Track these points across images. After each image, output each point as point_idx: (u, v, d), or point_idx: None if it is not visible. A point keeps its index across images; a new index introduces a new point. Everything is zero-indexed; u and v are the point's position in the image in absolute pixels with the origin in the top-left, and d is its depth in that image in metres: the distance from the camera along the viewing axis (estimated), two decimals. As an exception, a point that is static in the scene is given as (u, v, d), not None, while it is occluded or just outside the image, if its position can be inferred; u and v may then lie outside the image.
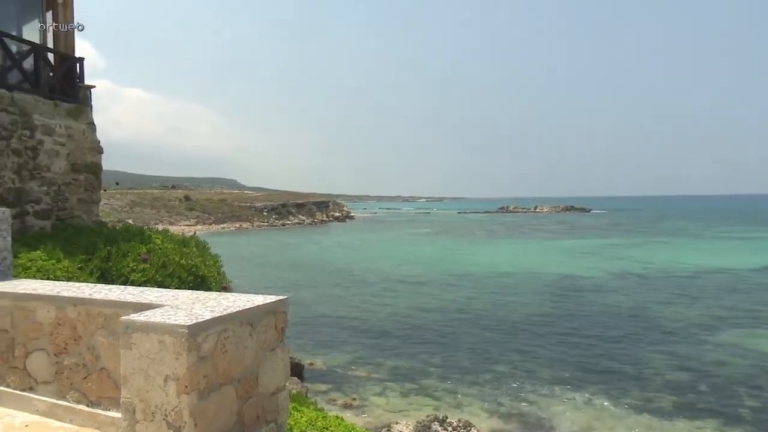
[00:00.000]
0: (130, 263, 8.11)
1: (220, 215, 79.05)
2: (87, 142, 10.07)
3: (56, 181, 9.45)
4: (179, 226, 60.03)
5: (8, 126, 8.57)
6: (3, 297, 3.39)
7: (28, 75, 9.44)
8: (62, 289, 3.38)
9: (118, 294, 3.20)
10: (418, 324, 20.89)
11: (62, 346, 3.20)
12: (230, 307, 2.72)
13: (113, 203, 68.50)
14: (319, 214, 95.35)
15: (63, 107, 9.76)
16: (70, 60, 10.26)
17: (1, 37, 8.88)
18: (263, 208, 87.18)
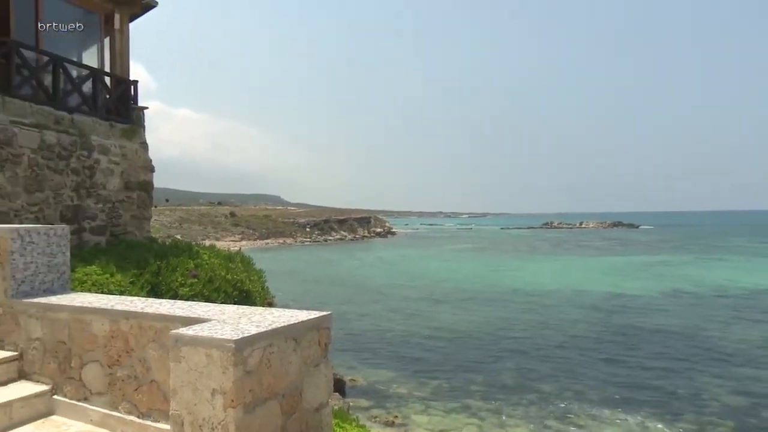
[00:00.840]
0: (178, 278, 8.36)
1: (264, 231, 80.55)
2: (140, 161, 10.48)
3: (111, 198, 9.85)
4: (225, 241, 61.46)
5: (68, 146, 9.01)
6: (62, 310, 3.54)
7: (86, 98, 9.94)
8: (116, 303, 3.51)
9: (168, 308, 3.29)
10: (460, 341, 20.62)
11: (115, 358, 3.31)
12: (275, 322, 2.76)
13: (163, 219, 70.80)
14: (361, 229, 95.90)
15: (118, 128, 10.21)
16: (125, 83, 10.75)
17: (63, 63, 9.39)
18: (306, 223, 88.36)
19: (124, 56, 10.87)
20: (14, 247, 3.77)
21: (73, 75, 9.92)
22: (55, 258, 4.04)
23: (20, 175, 8.33)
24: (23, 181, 8.37)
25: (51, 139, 8.85)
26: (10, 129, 8.21)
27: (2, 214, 7.97)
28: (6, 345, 3.74)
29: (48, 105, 9.07)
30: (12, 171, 8.20)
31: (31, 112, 8.67)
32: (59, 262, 4.08)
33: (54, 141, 8.89)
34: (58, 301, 3.65)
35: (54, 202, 8.85)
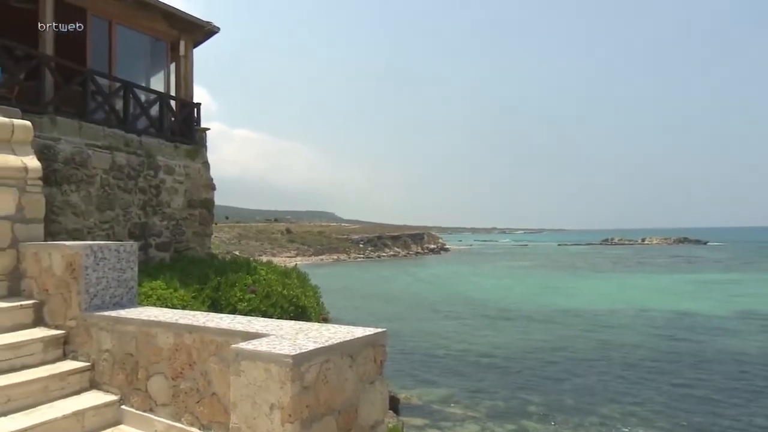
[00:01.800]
0: (237, 293, 8.59)
1: (318, 247, 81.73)
2: (202, 180, 10.90)
3: (175, 216, 10.27)
4: (281, 257, 62.72)
5: (136, 167, 9.49)
6: (130, 323, 3.71)
7: (153, 121, 10.46)
8: (180, 317, 3.64)
9: (228, 323, 3.39)
10: (516, 360, 20.11)
11: (179, 370, 3.43)
12: (331, 338, 2.79)
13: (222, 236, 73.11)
14: (414, 246, 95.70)
15: (182, 149, 10.68)
16: (189, 106, 11.25)
17: (133, 88, 9.93)
18: (359, 240, 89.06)
19: (189, 80, 11.41)
20: (88, 262, 3.99)
21: (142, 99, 10.49)
22: (124, 273, 4.24)
23: (93, 195, 8.83)
24: (96, 200, 8.87)
25: (121, 160, 9.37)
26: (85, 151, 8.75)
27: (77, 231, 8.46)
28: (79, 356, 3.95)
29: (119, 128, 9.61)
30: (86, 191, 8.71)
31: (103, 135, 9.21)
32: (128, 277, 4.28)
33: (124, 162, 9.40)
34: (127, 315, 3.82)
35: (123, 219, 9.33)
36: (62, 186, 8.34)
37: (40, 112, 8.30)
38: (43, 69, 8.86)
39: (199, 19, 11.50)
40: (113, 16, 10.27)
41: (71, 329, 4.02)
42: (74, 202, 8.52)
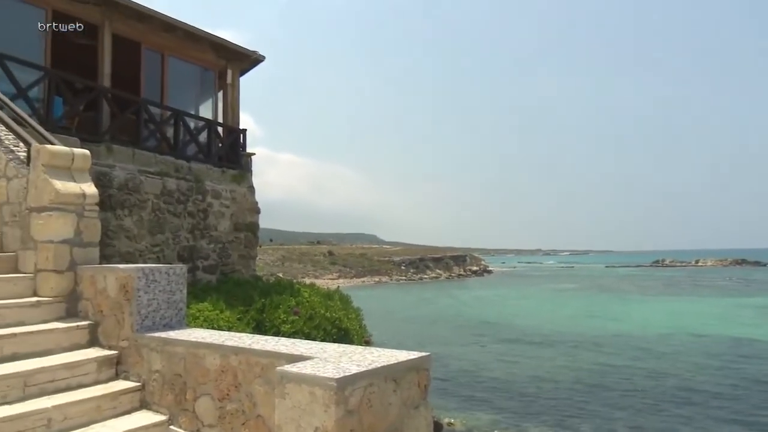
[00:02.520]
0: (281, 315, 8.70)
1: (360, 269, 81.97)
2: (247, 204, 11.18)
3: (221, 239, 10.54)
4: (323, 279, 63.19)
5: (185, 192, 9.81)
6: (178, 344, 3.80)
7: (202, 147, 10.83)
8: (226, 339, 3.70)
9: (273, 345, 3.43)
10: (563, 387, 19.47)
11: (225, 392, 3.48)
12: (375, 362, 2.78)
13: (266, 258, 74.32)
14: (456, 268, 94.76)
15: (229, 173, 10.99)
16: (235, 132, 11.61)
17: (183, 116, 10.34)
18: (401, 262, 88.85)
19: (235, 107, 11.80)
20: (140, 285, 4.12)
21: (191, 126, 10.90)
22: (173, 295, 4.36)
23: (145, 219, 9.17)
24: (147, 224, 9.20)
25: (171, 185, 9.71)
26: (138, 177, 9.12)
27: (129, 254, 8.79)
28: (131, 376, 4.06)
29: (170, 155, 10.00)
30: (138, 215, 9.06)
31: (155, 162, 9.60)
32: (177, 299, 4.39)
33: (174, 187, 9.75)
34: (176, 336, 3.91)
35: (173, 242, 9.63)
36: (116, 211, 8.70)
37: (98, 141, 8.73)
38: (101, 100, 9.34)
39: (245, 48, 11.92)
40: (165, 48, 10.77)
41: (123, 350, 4.15)
42: (127, 226, 8.86)
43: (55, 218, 4.45)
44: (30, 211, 4.58)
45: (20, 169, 4.78)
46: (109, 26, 9.73)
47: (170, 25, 10.52)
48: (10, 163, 4.87)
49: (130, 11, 9.87)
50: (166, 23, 10.43)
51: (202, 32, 11.12)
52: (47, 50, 9.03)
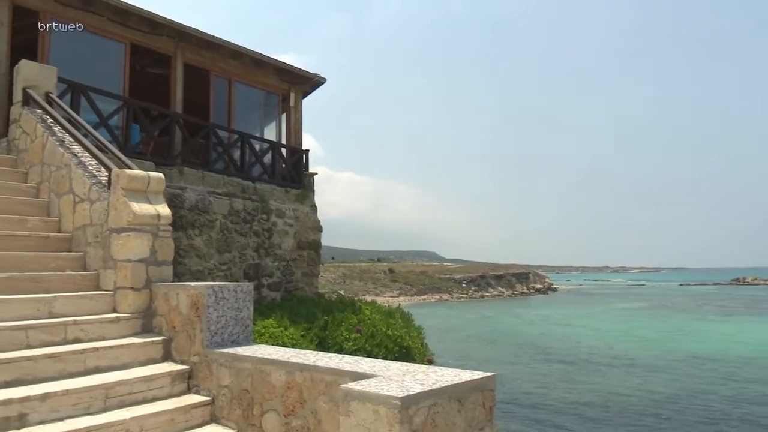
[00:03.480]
0: (343, 332, 8.77)
1: (421, 287, 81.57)
2: (310, 222, 11.42)
3: (285, 257, 10.80)
4: (384, 297, 63.30)
5: (251, 212, 10.15)
6: (246, 360, 3.91)
7: (267, 168, 11.20)
8: (291, 355, 3.78)
9: (336, 362, 3.46)
10: (634, 411, 18.49)
11: (290, 408, 3.54)
12: (438, 381, 2.76)
13: (328, 276, 75.32)
14: (519, 285, 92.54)
15: (292, 193, 11.29)
16: (298, 152, 11.94)
17: (249, 139, 10.74)
18: (462, 279, 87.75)
19: (298, 129, 12.16)
20: (209, 302, 4.28)
21: (256, 148, 11.31)
22: (241, 312, 4.50)
23: (214, 238, 9.55)
24: (216, 243, 9.58)
25: (238, 205, 10.08)
26: (207, 198, 9.53)
27: (199, 272, 9.15)
28: (202, 390, 4.20)
29: (236, 176, 10.40)
30: (207, 234, 9.44)
31: (223, 183, 10.00)
32: (244, 316, 4.53)
33: (240, 207, 10.11)
34: (243, 352, 4.03)
35: (239, 261, 9.96)
36: (187, 230, 9.11)
37: (170, 164, 9.20)
38: (174, 126, 9.86)
39: (307, 71, 12.29)
40: (232, 75, 11.28)
41: (195, 364, 4.31)
42: (197, 245, 9.26)
43: (132, 238, 4.71)
44: (110, 232, 4.87)
45: (102, 192, 5.10)
46: (181, 56, 10.31)
47: (237, 53, 11.02)
48: (93, 187, 5.21)
49: (200, 41, 10.42)
50: (233, 51, 10.94)
51: (267, 58, 11.57)
52: (126, 81, 9.66)
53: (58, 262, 5.05)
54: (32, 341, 4.01)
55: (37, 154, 6.09)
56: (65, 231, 5.52)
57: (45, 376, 3.78)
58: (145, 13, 9.60)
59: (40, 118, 6.29)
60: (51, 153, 5.85)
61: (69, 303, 4.49)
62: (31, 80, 6.64)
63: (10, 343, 3.89)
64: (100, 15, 9.19)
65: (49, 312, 4.35)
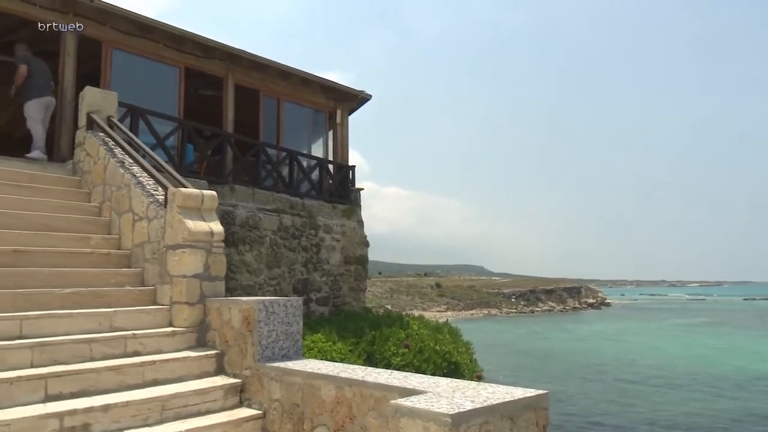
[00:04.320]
0: (391, 347, 8.75)
1: (468, 301, 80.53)
2: (357, 237, 11.51)
3: (333, 272, 10.91)
4: (431, 312, 62.82)
5: (299, 227, 10.33)
6: (296, 374, 3.96)
7: (314, 184, 11.39)
8: (340, 370, 3.80)
9: (385, 378, 3.46)
10: (700, 434, 17.55)
11: (340, 423, 3.56)
12: (490, 398, 2.71)
13: (375, 290, 75.36)
14: (571, 300, 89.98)
15: (339, 208, 11.43)
16: (345, 168, 12.10)
17: (297, 156, 10.97)
18: (511, 294, 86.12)
19: (344, 145, 12.33)
20: (260, 316, 4.37)
21: (304, 165, 11.53)
22: (291, 327, 4.57)
23: (263, 254, 9.76)
24: (265, 259, 9.78)
25: (287, 221, 10.29)
26: (257, 215, 9.77)
27: (249, 287, 9.36)
28: (253, 404, 4.28)
29: (285, 193, 10.63)
30: (258, 250, 9.66)
31: (272, 200, 10.24)
32: (294, 330, 4.59)
33: (289, 223, 10.31)
34: (293, 366, 4.08)
35: (288, 276, 10.13)
36: (239, 246, 9.35)
37: (222, 182, 9.50)
38: (225, 145, 10.19)
39: (353, 89, 12.49)
40: (281, 94, 11.59)
41: (246, 378, 4.39)
42: (248, 260, 9.48)
43: (187, 255, 4.88)
44: (167, 249, 5.06)
45: (159, 210, 5.31)
46: (232, 78, 10.67)
47: (285, 73, 11.32)
48: (150, 206, 5.44)
49: (250, 63, 10.77)
50: (282, 71, 11.24)
51: (314, 77, 11.83)
52: (180, 103, 10.07)
53: (119, 277, 5.27)
54: (95, 354, 4.19)
55: (100, 175, 6.41)
56: (125, 248, 5.77)
57: (106, 388, 3.94)
58: (199, 38, 10.01)
59: (102, 140, 6.63)
60: (112, 174, 6.15)
61: (128, 317, 4.68)
62: (95, 105, 7.02)
63: (75, 356, 4.08)
64: (156, 42, 9.64)
65: (110, 326, 4.54)
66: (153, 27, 9.47)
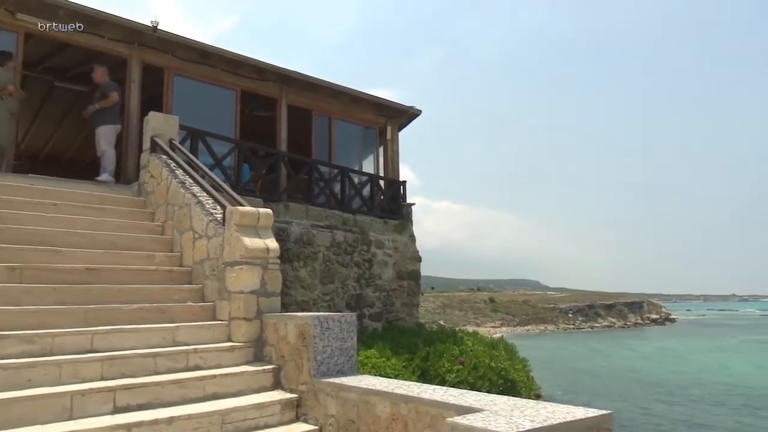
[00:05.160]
0: (445, 363, 8.65)
1: (523, 317, 78.66)
2: (409, 253, 11.51)
3: (385, 287, 10.93)
4: (485, 327, 61.69)
5: (352, 243, 10.43)
6: (351, 390, 3.97)
7: (365, 200, 11.50)
8: (395, 387, 3.79)
9: (441, 395, 3.42)
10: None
11: (396, 440, 3.53)
12: (550, 417, 2.64)
13: (427, 305, 74.79)
14: (632, 316, 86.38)
15: (390, 224, 11.47)
16: (396, 184, 12.16)
17: (348, 173, 11.13)
18: (568, 309, 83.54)
19: (395, 161, 12.41)
20: (315, 332, 4.42)
21: (355, 181, 11.68)
22: (345, 342, 4.60)
23: (317, 269, 9.90)
24: (319, 274, 9.92)
25: (339, 237, 10.41)
26: (310, 231, 9.94)
27: (304, 302, 9.50)
28: (309, 419, 4.32)
29: (337, 209, 10.78)
30: (311, 266, 9.81)
31: (325, 216, 10.40)
32: (348, 346, 4.62)
33: (341, 239, 10.43)
34: (348, 382, 4.10)
35: (341, 291, 10.23)
36: (293, 263, 9.53)
37: (276, 200, 9.73)
38: (279, 164, 10.46)
39: (402, 105, 12.60)
40: (332, 112, 11.82)
41: (302, 393, 4.44)
42: (302, 276, 9.64)
43: (245, 271, 5.01)
44: (225, 265, 5.22)
45: (218, 228, 5.50)
46: (285, 98, 10.97)
47: (337, 92, 11.55)
48: (209, 224, 5.64)
49: (303, 83, 11.05)
50: (333, 90, 11.48)
51: (364, 95, 12.01)
52: (237, 124, 10.42)
53: (180, 293, 5.47)
54: (159, 367, 4.36)
55: (162, 195, 6.70)
56: (186, 265, 5.99)
57: (170, 401, 4.08)
58: (254, 61, 10.37)
59: (165, 162, 6.95)
60: (174, 194, 6.42)
61: (190, 332, 4.84)
62: (158, 129, 7.37)
63: (141, 369, 4.25)
64: (214, 67, 10.05)
65: (173, 340, 4.71)
66: (211, 53, 9.88)
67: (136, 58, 9.17)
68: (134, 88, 9.08)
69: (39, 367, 3.84)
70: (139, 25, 9.02)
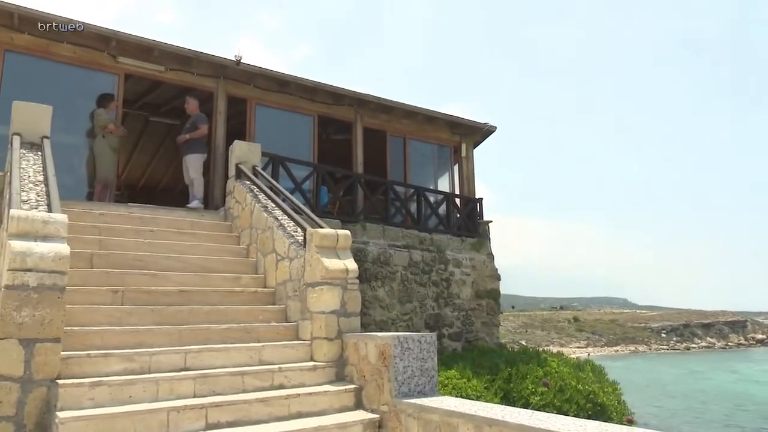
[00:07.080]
0: (529, 385, 8.36)
1: (612, 337, 74.70)
2: (487, 271, 11.32)
3: (464, 306, 10.78)
4: (570, 348, 59.14)
5: (429, 262, 10.40)
6: (434, 411, 3.93)
7: (442, 219, 11.46)
8: (478, 409, 3.71)
9: (527, 418, 3.32)
10: None
11: (480, 464, 3.45)
12: (645, 446, 2.48)
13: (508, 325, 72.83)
14: (734, 336, 79.73)
15: (468, 242, 11.35)
16: (472, 202, 12.04)
17: (424, 192, 11.16)
18: (661, 329, 78.49)
19: (471, 178, 12.30)
20: (396, 352, 4.43)
21: (431, 200, 11.67)
22: (426, 363, 4.57)
23: (395, 289, 9.94)
24: (397, 294, 9.95)
25: (416, 256, 10.42)
26: (388, 251, 10.02)
27: (383, 322, 9.55)
28: (391, 440, 4.31)
29: (414, 228, 10.80)
30: (389, 286, 9.87)
31: (402, 236, 10.45)
32: (429, 366, 4.59)
33: (419, 258, 10.43)
34: (430, 403, 4.06)
35: (420, 311, 10.19)
36: (371, 282, 9.62)
37: (354, 221, 9.91)
38: (356, 185, 10.66)
39: (477, 122, 12.51)
40: (406, 133, 11.93)
41: (384, 414, 4.45)
42: (380, 296, 9.71)
43: (325, 292, 5.13)
44: (306, 286, 5.36)
45: (299, 250, 5.67)
46: (360, 121, 11.22)
47: (410, 112, 11.67)
48: (291, 246, 5.83)
49: (377, 106, 11.26)
50: (407, 111, 11.61)
51: (438, 113, 12.05)
52: (314, 148, 10.77)
53: (265, 314, 5.67)
54: (247, 386, 4.52)
55: (247, 219, 7.01)
56: (269, 286, 6.20)
57: (257, 419, 4.21)
58: (330, 87, 10.70)
59: (249, 188, 7.28)
60: (257, 218, 6.70)
61: (275, 351, 5.00)
62: (242, 157, 7.76)
63: (230, 387, 4.43)
64: (292, 94, 10.47)
65: (259, 359, 4.87)
66: (289, 81, 10.31)
67: (222, 90, 9.73)
68: (220, 119, 9.63)
69: (139, 384, 4.10)
70: (225, 60, 9.59)
